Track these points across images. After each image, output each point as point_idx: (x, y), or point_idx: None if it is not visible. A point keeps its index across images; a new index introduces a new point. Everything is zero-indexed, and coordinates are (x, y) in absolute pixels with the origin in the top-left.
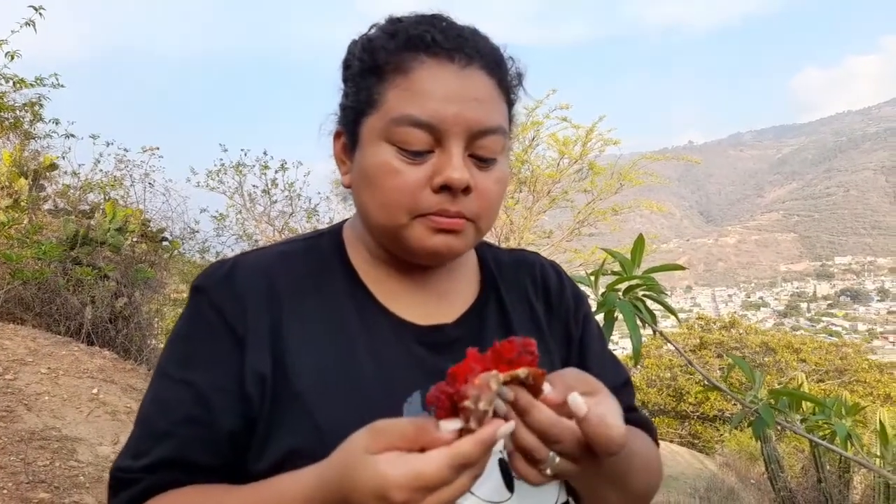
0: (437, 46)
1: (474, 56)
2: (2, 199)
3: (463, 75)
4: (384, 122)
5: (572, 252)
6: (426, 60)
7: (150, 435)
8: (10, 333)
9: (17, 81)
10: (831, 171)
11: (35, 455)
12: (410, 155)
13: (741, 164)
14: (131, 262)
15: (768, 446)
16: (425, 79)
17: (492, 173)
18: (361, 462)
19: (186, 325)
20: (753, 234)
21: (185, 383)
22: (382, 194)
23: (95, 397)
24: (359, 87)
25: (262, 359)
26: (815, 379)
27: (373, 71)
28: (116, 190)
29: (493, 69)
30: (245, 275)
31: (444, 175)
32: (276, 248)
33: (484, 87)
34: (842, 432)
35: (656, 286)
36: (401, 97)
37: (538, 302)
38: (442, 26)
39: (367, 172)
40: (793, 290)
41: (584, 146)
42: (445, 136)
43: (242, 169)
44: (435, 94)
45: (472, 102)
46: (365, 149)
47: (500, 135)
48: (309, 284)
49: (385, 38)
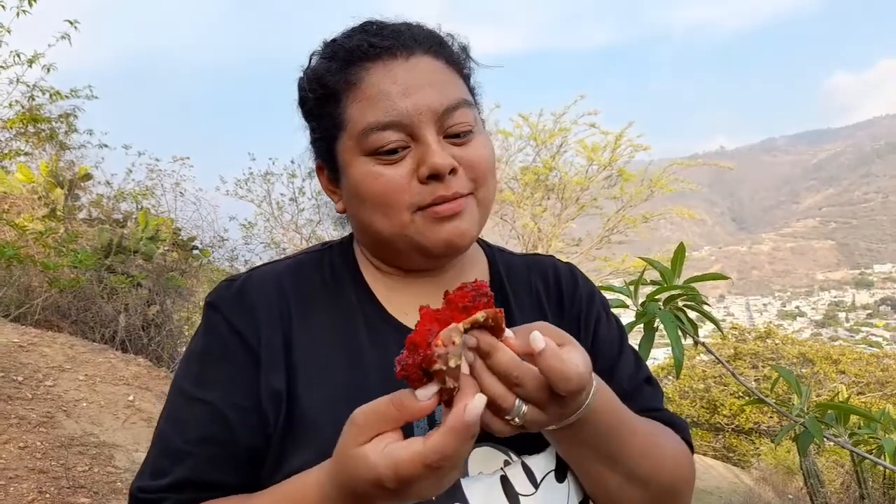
0: (376, 49)
1: (413, 45)
2: (39, 209)
3: (409, 66)
4: (354, 138)
5: (602, 260)
6: (370, 67)
7: (168, 454)
8: (49, 340)
9: (52, 93)
10: (869, 176)
11: (75, 461)
12: (387, 155)
13: (775, 170)
14: (163, 270)
15: (808, 460)
16: (375, 83)
17: (472, 144)
18: (353, 457)
19: (201, 342)
20: (788, 242)
21: (202, 402)
22: (375, 200)
23: (131, 404)
24: (321, 116)
25: (277, 375)
26: (855, 391)
27: (328, 97)
28: (148, 199)
29: (436, 51)
30: (257, 290)
31: (427, 164)
32: (286, 261)
33: (433, 70)
34: (890, 447)
35: (698, 296)
36: (361, 108)
37: (550, 305)
38: (374, 30)
39: (355, 190)
40: (830, 300)
41: (614, 152)
42: (415, 128)
43: (270, 177)
44: (390, 93)
45: (426, 88)
46: (347, 170)
47: (465, 107)
48: (320, 297)
49: (326, 62)
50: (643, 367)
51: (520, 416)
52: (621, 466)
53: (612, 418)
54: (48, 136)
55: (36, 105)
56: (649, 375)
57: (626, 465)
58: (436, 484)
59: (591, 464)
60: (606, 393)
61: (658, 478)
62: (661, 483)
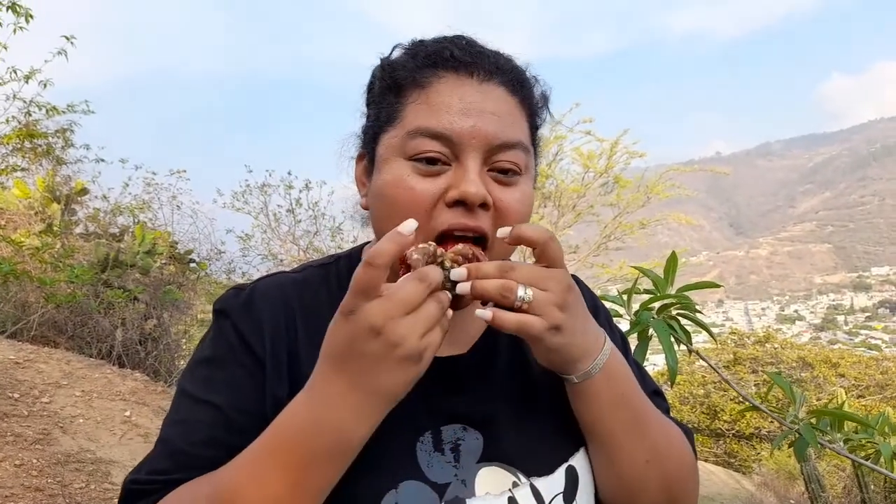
0: (455, 61)
1: (494, 72)
2: (35, 224)
3: (482, 89)
4: (400, 136)
5: (599, 267)
6: (444, 75)
7: (171, 455)
8: (45, 357)
9: (49, 109)
10: (865, 179)
11: (71, 477)
12: (425, 164)
13: (771, 175)
14: (160, 283)
15: (808, 465)
16: (443, 92)
17: (514, 190)
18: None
19: (209, 348)
20: (786, 246)
21: (209, 404)
22: (398, 211)
23: (128, 420)
24: (379, 106)
25: (280, 385)
26: (855, 394)
27: (392, 89)
28: (145, 213)
29: (514, 87)
30: (264, 301)
31: (459, 189)
32: (292, 274)
33: (503, 102)
34: (886, 451)
35: (690, 304)
36: (418, 111)
37: None
38: (462, 44)
39: (382, 190)
40: (829, 303)
41: (609, 159)
42: (462, 149)
43: (267, 189)
44: (452, 106)
45: (489, 116)
46: (382, 166)
47: (520, 150)
48: (326, 313)
49: (406, 57)
50: (648, 379)
51: (527, 297)
52: (648, 439)
53: (631, 385)
54: (45, 151)
55: (33, 121)
56: (656, 388)
57: (651, 438)
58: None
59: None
60: (621, 359)
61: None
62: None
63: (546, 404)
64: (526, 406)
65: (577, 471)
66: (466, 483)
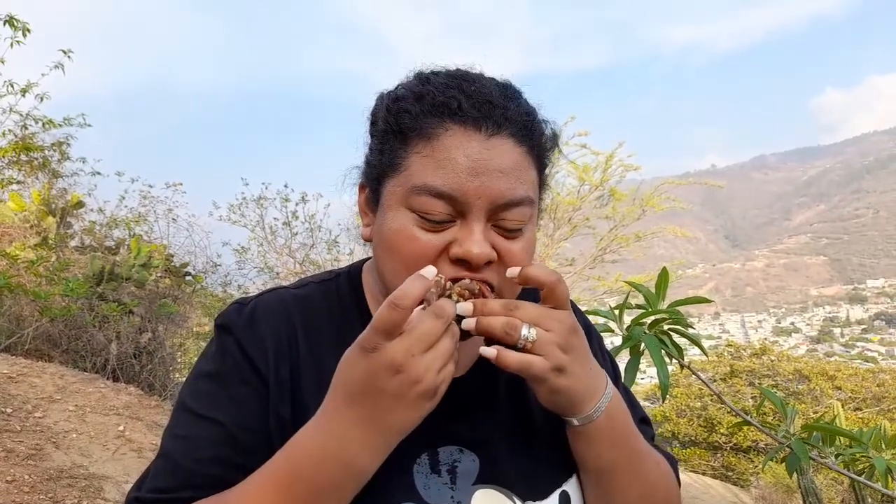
0: (463, 113)
1: (503, 124)
2: (31, 238)
3: (489, 145)
4: (405, 188)
5: (595, 280)
6: (451, 127)
7: (175, 472)
8: (39, 371)
9: (46, 122)
10: (859, 192)
11: (63, 493)
12: (431, 224)
13: (766, 187)
14: (155, 297)
15: (805, 478)
16: (449, 147)
17: (518, 241)
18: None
19: (213, 363)
20: (781, 258)
21: (213, 421)
22: (400, 260)
23: (122, 434)
24: (383, 147)
25: (283, 403)
26: (851, 407)
27: (396, 134)
28: (141, 226)
29: (522, 136)
30: (267, 318)
31: (464, 248)
32: (293, 290)
33: (510, 157)
34: (880, 466)
35: (682, 319)
36: (423, 164)
37: None
38: (471, 91)
39: (386, 237)
40: (825, 315)
41: (605, 172)
42: (467, 209)
43: (264, 202)
44: (458, 164)
45: (495, 174)
46: (385, 212)
47: (525, 206)
48: (328, 334)
49: (411, 100)
50: (637, 406)
51: (530, 336)
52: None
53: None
54: (41, 164)
55: (29, 134)
56: (643, 415)
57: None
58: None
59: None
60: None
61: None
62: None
63: (542, 429)
64: (522, 430)
65: (570, 496)
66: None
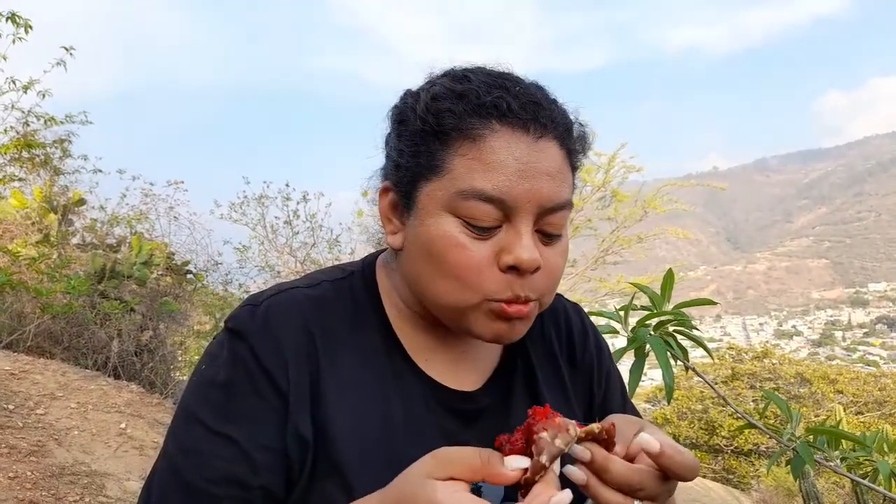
0: (512, 115)
1: (549, 126)
2: (32, 235)
3: (537, 147)
4: (450, 192)
5: (597, 281)
6: (498, 129)
7: (184, 491)
8: (41, 368)
9: (47, 119)
10: (861, 195)
11: (66, 490)
12: (478, 231)
13: (768, 190)
14: (156, 295)
15: (807, 482)
16: (497, 150)
17: (557, 247)
18: (421, 486)
19: (224, 371)
20: (783, 261)
21: (227, 438)
22: (448, 270)
23: (123, 432)
24: (418, 148)
25: (303, 421)
26: (853, 411)
27: (436, 135)
28: (142, 223)
29: (564, 139)
30: (282, 323)
31: (514, 255)
32: (305, 290)
33: (555, 161)
34: (884, 470)
35: (687, 321)
36: (470, 167)
37: (562, 357)
38: (516, 91)
39: (428, 245)
40: (826, 318)
41: (607, 173)
42: (515, 213)
43: (265, 201)
44: (507, 167)
45: (544, 177)
46: (424, 218)
47: (567, 210)
48: (344, 338)
49: (452, 98)
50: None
51: None
52: None
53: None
54: (42, 161)
55: (31, 131)
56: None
57: None
58: None
59: None
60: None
61: None
62: None
63: None
64: None
65: None
66: None
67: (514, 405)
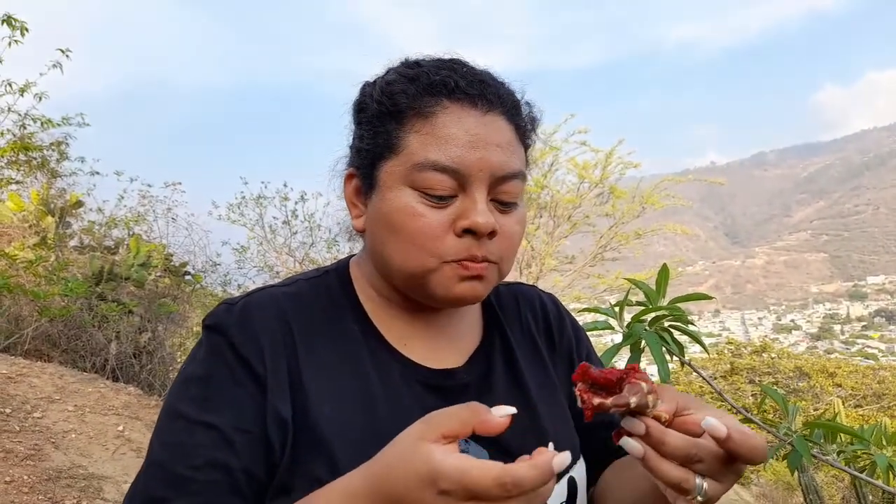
0: (460, 91)
1: (495, 101)
2: (29, 238)
3: (485, 121)
4: (406, 166)
5: (596, 277)
6: (448, 105)
7: (168, 482)
8: (38, 371)
9: (44, 122)
10: (859, 188)
11: (63, 494)
12: (434, 199)
13: (766, 184)
14: (154, 296)
15: (806, 476)
16: (448, 123)
17: (513, 216)
18: (413, 449)
19: (204, 366)
20: (782, 255)
21: (207, 425)
22: (406, 237)
23: (121, 434)
24: (376, 130)
25: (282, 404)
26: (852, 404)
27: (392, 115)
28: (140, 225)
29: (512, 115)
30: (259, 316)
31: (469, 219)
32: (282, 288)
33: (504, 133)
34: (882, 463)
35: (683, 316)
36: (424, 142)
37: (541, 338)
38: (463, 71)
39: (388, 217)
40: (825, 312)
41: (604, 170)
42: (469, 182)
43: (263, 201)
44: (458, 139)
45: (494, 148)
46: (384, 193)
47: (519, 179)
48: (322, 327)
49: (404, 82)
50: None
51: (702, 493)
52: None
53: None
54: (39, 164)
55: (27, 133)
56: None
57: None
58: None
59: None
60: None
61: None
62: None
63: (544, 419)
64: (527, 420)
65: (577, 482)
66: None
67: (495, 382)
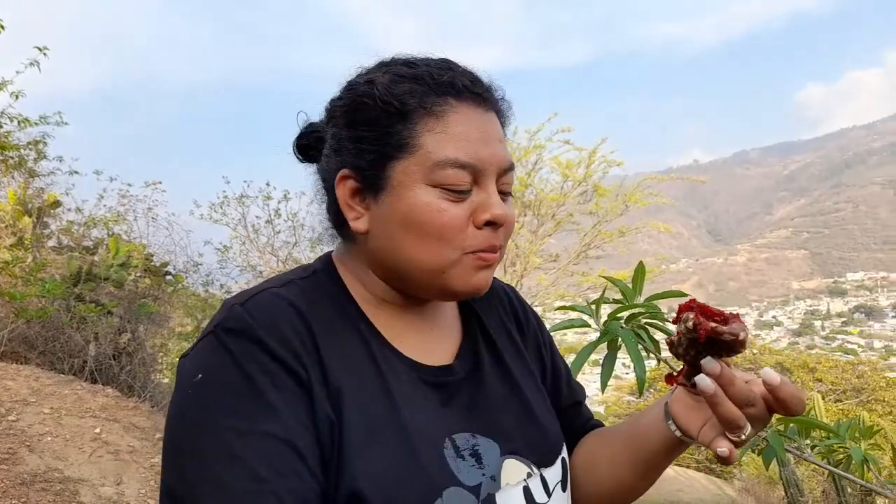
0: (467, 92)
1: (492, 101)
2: (6, 238)
3: (487, 118)
4: (425, 165)
5: (580, 275)
6: (455, 105)
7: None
8: (13, 373)
9: (21, 120)
10: (839, 186)
11: (37, 498)
12: (455, 194)
13: (748, 182)
14: (135, 297)
15: (787, 470)
16: (459, 122)
17: (508, 204)
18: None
19: (236, 373)
20: (763, 252)
21: (261, 434)
22: (432, 233)
23: (98, 437)
24: (382, 131)
25: (325, 404)
26: (832, 399)
27: (399, 115)
28: (120, 225)
29: (500, 111)
30: (282, 317)
31: (490, 212)
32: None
33: (499, 129)
34: (857, 457)
35: (659, 314)
36: (440, 140)
37: (510, 325)
38: (460, 71)
39: (408, 215)
40: (806, 308)
41: (588, 168)
42: (482, 176)
43: (245, 200)
44: (471, 136)
45: (497, 143)
46: (401, 192)
47: (513, 171)
48: (335, 326)
49: (409, 82)
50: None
51: (746, 432)
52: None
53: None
54: (16, 163)
55: (4, 132)
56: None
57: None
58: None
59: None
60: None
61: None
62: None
63: (533, 403)
64: (518, 406)
65: (567, 462)
66: (495, 478)
67: (485, 372)
